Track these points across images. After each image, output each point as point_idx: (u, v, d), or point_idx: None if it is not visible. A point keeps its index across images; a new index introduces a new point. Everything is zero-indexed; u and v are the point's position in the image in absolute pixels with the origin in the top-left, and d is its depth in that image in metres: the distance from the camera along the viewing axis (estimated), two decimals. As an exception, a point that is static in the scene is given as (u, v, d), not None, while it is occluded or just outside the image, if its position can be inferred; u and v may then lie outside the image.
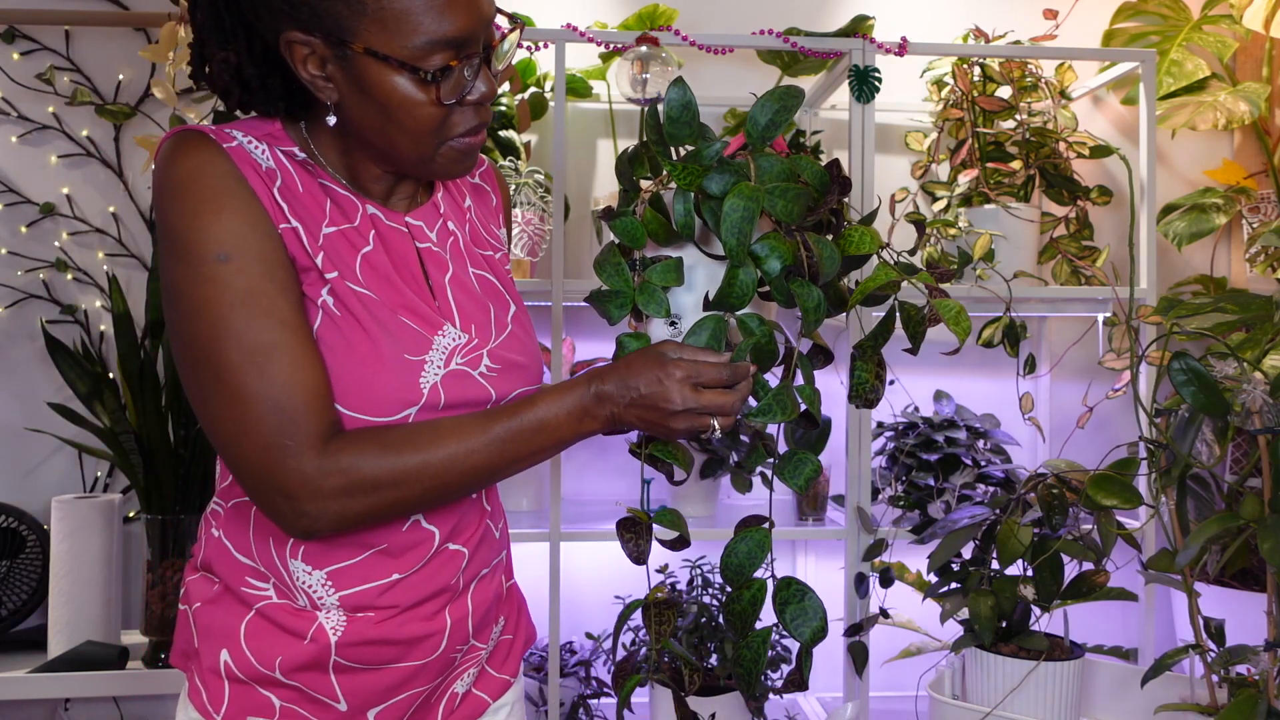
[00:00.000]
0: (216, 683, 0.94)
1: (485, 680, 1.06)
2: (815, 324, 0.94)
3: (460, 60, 0.87)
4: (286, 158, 0.92)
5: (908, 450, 1.95)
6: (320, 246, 0.90)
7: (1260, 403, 1.28)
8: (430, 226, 0.99)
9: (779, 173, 0.94)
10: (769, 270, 0.91)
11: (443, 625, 0.97)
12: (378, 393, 0.89)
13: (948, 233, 2.04)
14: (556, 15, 2.22)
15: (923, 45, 1.94)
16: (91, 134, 2.14)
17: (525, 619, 1.15)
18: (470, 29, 0.86)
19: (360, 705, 0.96)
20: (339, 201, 0.94)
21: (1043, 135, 2.10)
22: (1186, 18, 2.25)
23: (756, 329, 0.93)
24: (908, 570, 1.83)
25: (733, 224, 0.88)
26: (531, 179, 1.93)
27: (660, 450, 0.97)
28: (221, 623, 0.94)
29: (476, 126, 0.92)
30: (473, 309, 0.98)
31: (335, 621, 0.93)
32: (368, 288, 0.91)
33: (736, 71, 2.26)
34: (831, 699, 2.23)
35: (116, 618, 1.95)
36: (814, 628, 0.93)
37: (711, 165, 0.93)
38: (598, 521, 1.96)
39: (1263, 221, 2.22)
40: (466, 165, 0.94)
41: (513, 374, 0.98)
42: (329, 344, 0.88)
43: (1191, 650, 1.33)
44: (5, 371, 2.12)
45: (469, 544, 0.99)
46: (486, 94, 0.90)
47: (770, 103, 0.97)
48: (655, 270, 0.95)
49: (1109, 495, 1.34)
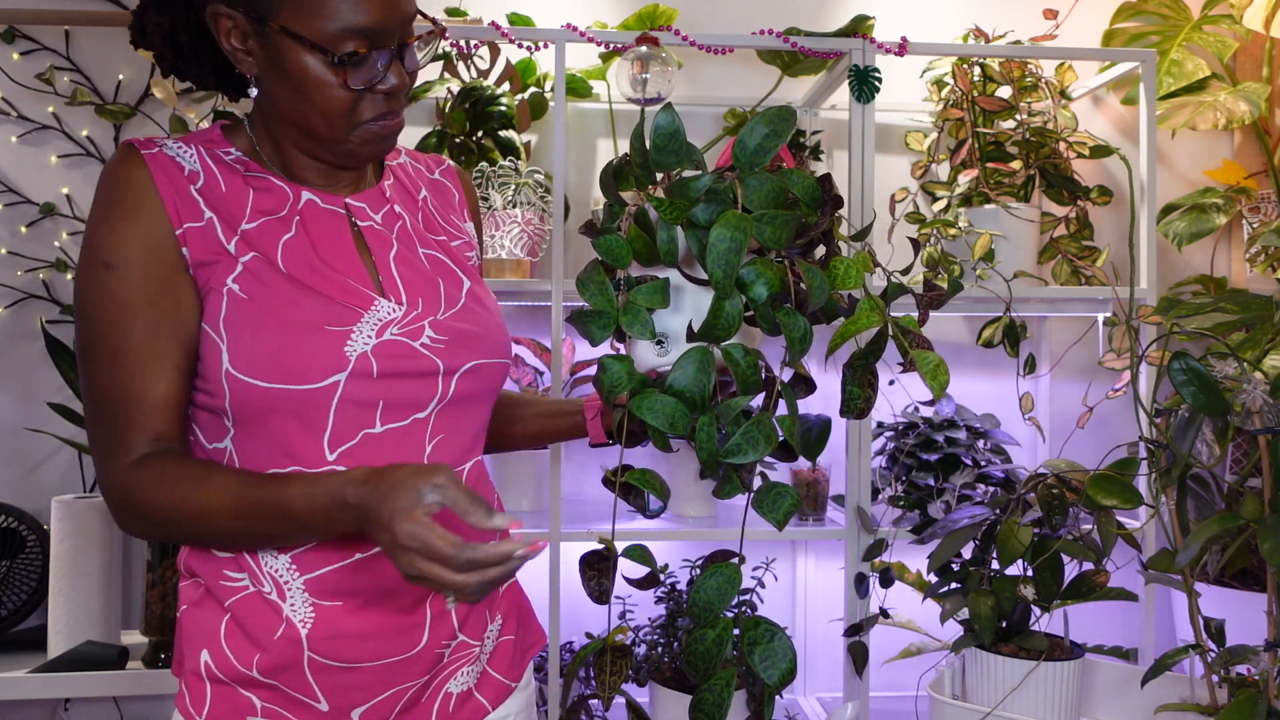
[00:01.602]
0: (199, 685, 0.95)
1: (486, 683, 1.05)
2: (800, 354, 0.92)
3: (372, 49, 0.92)
4: (216, 160, 0.98)
5: (908, 450, 1.95)
6: (239, 237, 0.95)
7: (1260, 403, 1.28)
8: (375, 209, 1.04)
9: (768, 193, 0.91)
10: (756, 297, 0.90)
11: (423, 617, 0.97)
12: (297, 363, 0.91)
13: (948, 233, 2.04)
14: (556, 15, 2.22)
15: (923, 45, 1.94)
16: (91, 134, 2.14)
17: (530, 622, 1.13)
18: (382, 22, 0.91)
19: (342, 705, 0.95)
20: (268, 193, 0.99)
21: (1043, 135, 2.10)
22: (1186, 18, 2.25)
23: (741, 359, 0.90)
24: (908, 570, 1.83)
25: (719, 255, 0.87)
26: (531, 179, 1.93)
27: (636, 479, 0.94)
28: (203, 625, 0.96)
29: (386, 114, 0.96)
30: (420, 284, 1.01)
31: (304, 614, 0.93)
32: (288, 269, 0.94)
33: (736, 71, 2.26)
34: (831, 699, 2.23)
35: (116, 618, 1.95)
36: (782, 670, 0.89)
37: (698, 198, 0.91)
38: (598, 522, 1.96)
39: (1263, 221, 2.22)
40: (382, 148, 0.99)
41: (464, 345, 1.00)
42: (239, 325, 0.91)
43: (1191, 650, 1.32)
44: (5, 371, 2.12)
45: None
46: (397, 86, 0.95)
47: (761, 125, 0.93)
48: (640, 292, 0.93)
49: (1109, 495, 1.34)
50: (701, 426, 0.91)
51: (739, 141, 0.93)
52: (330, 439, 0.93)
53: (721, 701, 0.89)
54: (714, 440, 0.91)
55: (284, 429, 0.92)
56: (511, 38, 1.85)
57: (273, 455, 0.93)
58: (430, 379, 0.97)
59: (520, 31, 1.85)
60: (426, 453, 0.98)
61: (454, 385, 0.99)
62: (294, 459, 0.93)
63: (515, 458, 2.02)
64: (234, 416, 0.93)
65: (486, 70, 2.07)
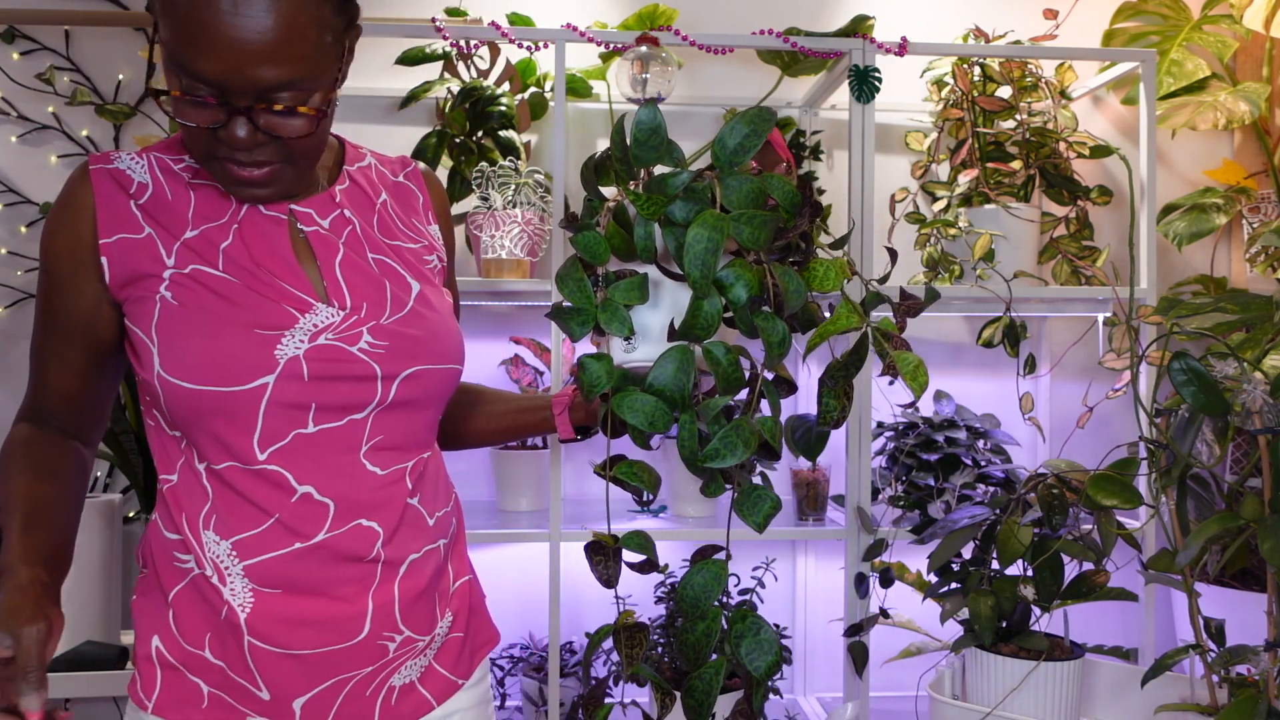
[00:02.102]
0: (150, 670, 0.99)
1: (432, 679, 1.05)
2: (779, 357, 0.92)
3: (219, 101, 0.89)
4: (165, 170, 1.01)
5: (908, 450, 1.95)
6: (181, 244, 0.98)
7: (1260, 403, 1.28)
8: (322, 214, 1.03)
9: (747, 194, 0.91)
10: (734, 299, 0.90)
11: (364, 608, 0.98)
12: (224, 365, 0.93)
13: (948, 233, 2.04)
14: (556, 15, 2.22)
15: (923, 45, 1.94)
16: (91, 134, 2.14)
17: (481, 620, 1.14)
18: (221, 80, 0.87)
19: (283, 693, 0.97)
20: (210, 201, 1.00)
21: (1043, 135, 2.10)
22: (1186, 18, 2.25)
23: (723, 358, 0.90)
24: (908, 570, 1.83)
25: (696, 255, 0.87)
26: (531, 179, 1.93)
27: (625, 472, 0.95)
28: (153, 611, 0.99)
29: (241, 162, 0.93)
30: (366, 288, 1.01)
31: (243, 599, 0.95)
32: (226, 272, 0.97)
33: (736, 71, 2.26)
34: (831, 699, 2.23)
35: (116, 618, 1.95)
36: (769, 661, 0.91)
37: (676, 195, 0.91)
38: (598, 522, 1.96)
39: (1263, 221, 2.22)
40: (245, 195, 0.96)
41: (406, 350, 1.00)
42: (170, 329, 0.95)
43: (1191, 650, 1.32)
44: (5, 371, 2.12)
45: (384, 523, 0.99)
46: (243, 141, 0.91)
47: (741, 125, 0.93)
48: (619, 288, 0.93)
49: (1109, 495, 1.34)
50: (682, 425, 0.92)
51: (718, 140, 0.93)
52: (260, 439, 0.96)
53: (710, 688, 0.91)
54: (695, 439, 0.92)
55: (217, 427, 0.95)
56: (511, 38, 1.85)
57: (211, 449, 0.96)
58: (368, 383, 0.98)
59: (520, 31, 1.85)
60: (362, 451, 0.99)
61: (394, 390, 1.00)
62: (229, 454, 0.96)
63: (515, 458, 2.02)
64: (172, 416, 0.96)
65: (486, 70, 2.07)
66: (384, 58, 2.17)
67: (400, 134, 2.18)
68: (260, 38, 0.85)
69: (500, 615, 2.19)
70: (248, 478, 0.96)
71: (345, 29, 0.94)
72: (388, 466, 1.01)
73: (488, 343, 2.22)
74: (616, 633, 0.97)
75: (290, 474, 0.96)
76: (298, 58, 0.87)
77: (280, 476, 0.96)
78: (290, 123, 0.91)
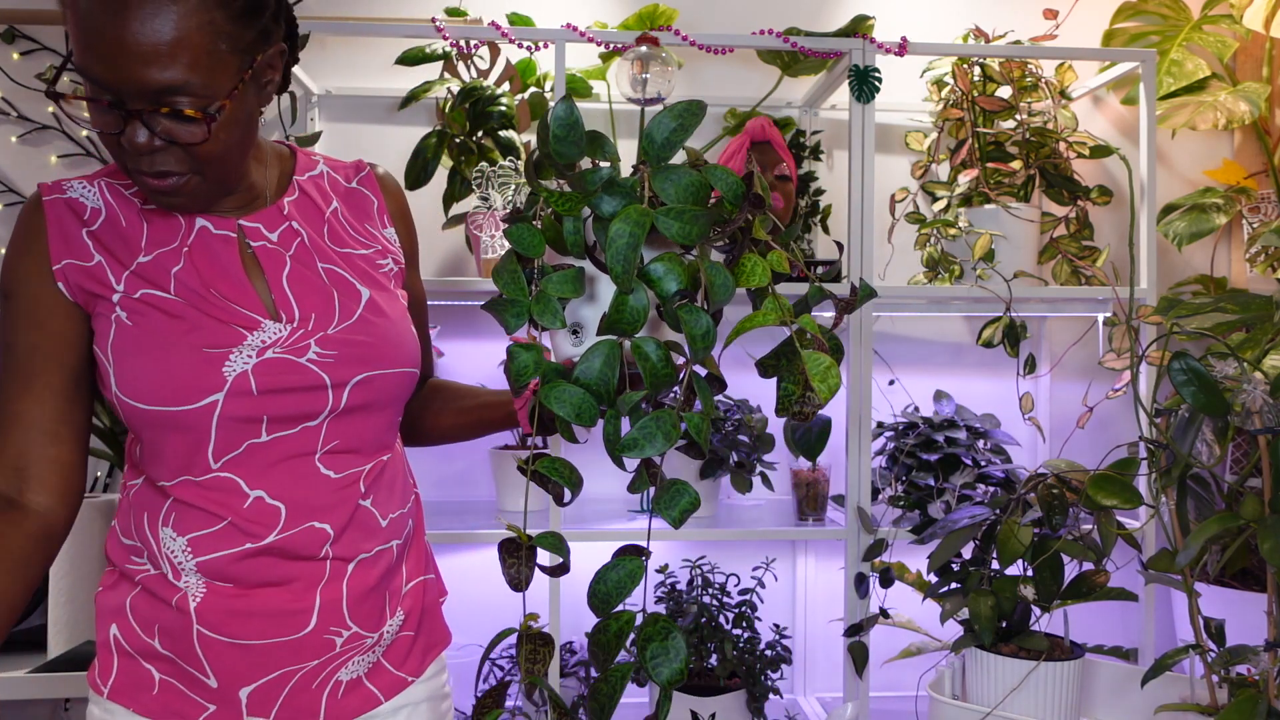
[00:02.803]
0: (107, 657, 1.03)
1: (379, 674, 1.07)
2: (703, 351, 0.91)
3: (113, 105, 0.90)
4: (117, 195, 1.03)
5: (908, 450, 1.95)
6: (133, 271, 1.00)
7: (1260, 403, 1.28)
8: (270, 228, 1.06)
9: (685, 187, 0.90)
10: (663, 291, 0.89)
11: (311, 603, 1.01)
12: (174, 386, 0.96)
13: (948, 233, 2.04)
14: (556, 15, 2.22)
15: (923, 45, 1.94)
16: (91, 134, 2.14)
17: (433, 619, 1.15)
18: (109, 80, 0.88)
19: (230, 681, 1.00)
20: (162, 225, 1.03)
21: (1043, 135, 2.10)
22: (1186, 18, 2.25)
23: (653, 354, 0.90)
24: (908, 570, 1.83)
25: (618, 250, 0.86)
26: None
27: (546, 466, 0.94)
28: (112, 602, 1.04)
29: (147, 171, 0.93)
30: (314, 300, 1.03)
31: (195, 589, 0.99)
32: (177, 295, 0.99)
33: (736, 71, 2.26)
34: (831, 699, 2.23)
35: (116, 618, 1.95)
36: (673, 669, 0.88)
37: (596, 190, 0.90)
38: (598, 521, 1.96)
39: (1263, 221, 2.22)
40: (162, 203, 0.98)
41: (356, 358, 1.03)
42: (123, 350, 0.98)
43: (1191, 650, 1.32)
44: (5, 371, 2.12)
45: (334, 524, 1.02)
46: (140, 145, 0.91)
47: (668, 119, 0.91)
48: (552, 280, 0.93)
49: (1109, 495, 1.34)
50: (608, 420, 0.92)
51: (646, 135, 0.92)
52: (214, 451, 0.99)
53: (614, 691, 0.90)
54: (619, 433, 0.91)
55: (172, 442, 0.99)
56: (511, 38, 1.85)
57: (168, 462, 1.00)
58: (318, 392, 1.01)
59: (520, 31, 1.85)
60: (318, 456, 1.02)
61: (345, 396, 1.02)
62: (184, 467, 0.99)
63: (515, 458, 2.02)
64: (132, 429, 1.01)
65: (486, 70, 2.07)
66: (384, 58, 2.17)
67: (400, 134, 2.18)
68: (147, 40, 0.87)
69: (500, 615, 2.19)
70: (199, 488, 0.99)
71: (254, 43, 0.94)
72: (343, 470, 1.03)
73: (487, 343, 2.22)
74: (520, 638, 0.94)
75: (242, 480, 1.00)
76: (187, 62, 0.89)
77: (232, 483, 0.99)
78: (184, 128, 0.92)
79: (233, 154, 0.97)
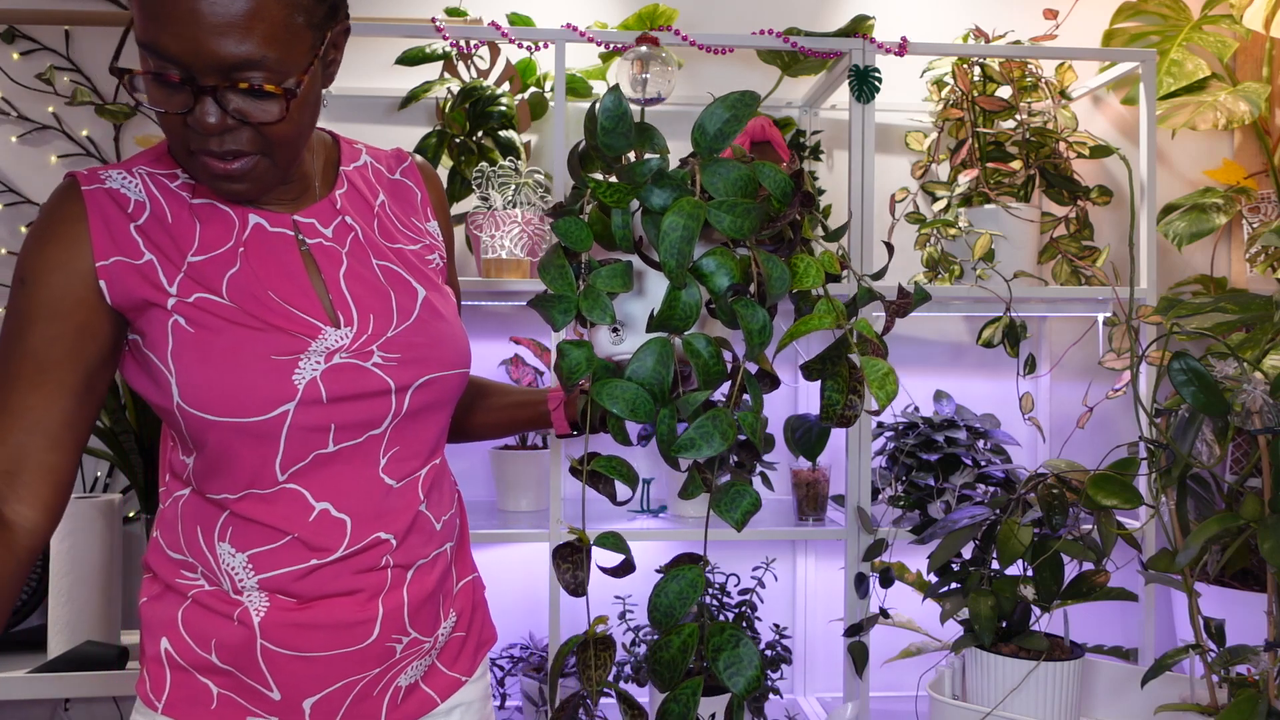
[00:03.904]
0: (159, 671, 0.98)
1: (435, 677, 1.06)
2: (760, 347, 0.88)
3: (184, 81, 0.85)
4: (161, 187, 0.96)
5: (908, 450, 1.95)
6: (184, 273, 0.94)
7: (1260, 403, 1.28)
8: (324, 223, 1.01)
9: (734, 181, 0.87)
10: (715, 287, 0.87)
11: (374, 613, 0.98)
12: (244, 396, 0.92)
13: (948, 233, 2.04)
14: (556, 15, 2.22)
15: (923, 45, 1.94)
16: (91, 134, 2.14)
17: (482, 618, 1.14)
18: (181, 54, 0.83)
19: (294, 695, 0.97)
20: (214, 223, 0.96)
21: (1043, 135, 2.10)
22: (1186, 18, 2.25)
23: (704, 350, 0.87)
24: (908, 570, 1.83)
25: (671, 244, 0.83)
26: (531, 179, 1.93)
27: (604, 465, 0.91)
28: (161, 614, 0.98)
29: (212, 152, 0.89)
30: (372, 300, 0.99)
31: (258, 604, 0.95)
32: (234, 303, 0.94)
33: (736, 71, 2.26)
34: (831, 699, 2.23)
35: (116, 618, 1.95)
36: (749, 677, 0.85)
37: (645, 181, 0.88)
38: (598, 521, 1.96)
39: (1263, 221, 2.22)
40: (223, 189, 0.92)
41: (417, 360, 0.99)
42: (185, 360, 0.92)
43: (1191, 650, 1.32)
44: (5, 371, 2.12)
45: (396, 532, 0.99)
46: (212, 125, 0.86)
47: (721, 110, 0.89)
48: (600, 275, 0.90)
49: (1109, 495, 1.34)
50: (662, 419, 0.88)
51: (698, 126, 0.89)
52: (282, 462, 0.95)
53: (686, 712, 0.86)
54: (674, 433, 0.88)
55: (238, 454, 0.94)
56: (511, 38, 1.85)
57: (234, 474, 0.95)
58: (383, 398, 0.97)
59: (520, 31, 1.85)
60: (381, 465, 0.99)
61: (408, 401, 0.99)
62: (249, 480, 0.95)
63: (515, 458, 2.02)
64: (192, 441, 0.95)
65: (486, 70, 2.07)
66: (384, 58, 2.17)
67: (400, 134, 2.18)
68: (224, 11, 0.83)
69: (500, 615, 2.19)
70: (263, 502, 0.95)
71: (326, 18, 0.91)
72: (403, 477, 1.01)
73: (488, 343, 2.22)
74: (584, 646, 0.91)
75: (308, 492, 0.96)
76: (263, 35, 0.84)
77: (299, 495, 0.95)
78: (260, 105, 0.87)
79: (303, 136, 0.93)
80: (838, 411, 0.91)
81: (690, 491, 0.90)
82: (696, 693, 0.86)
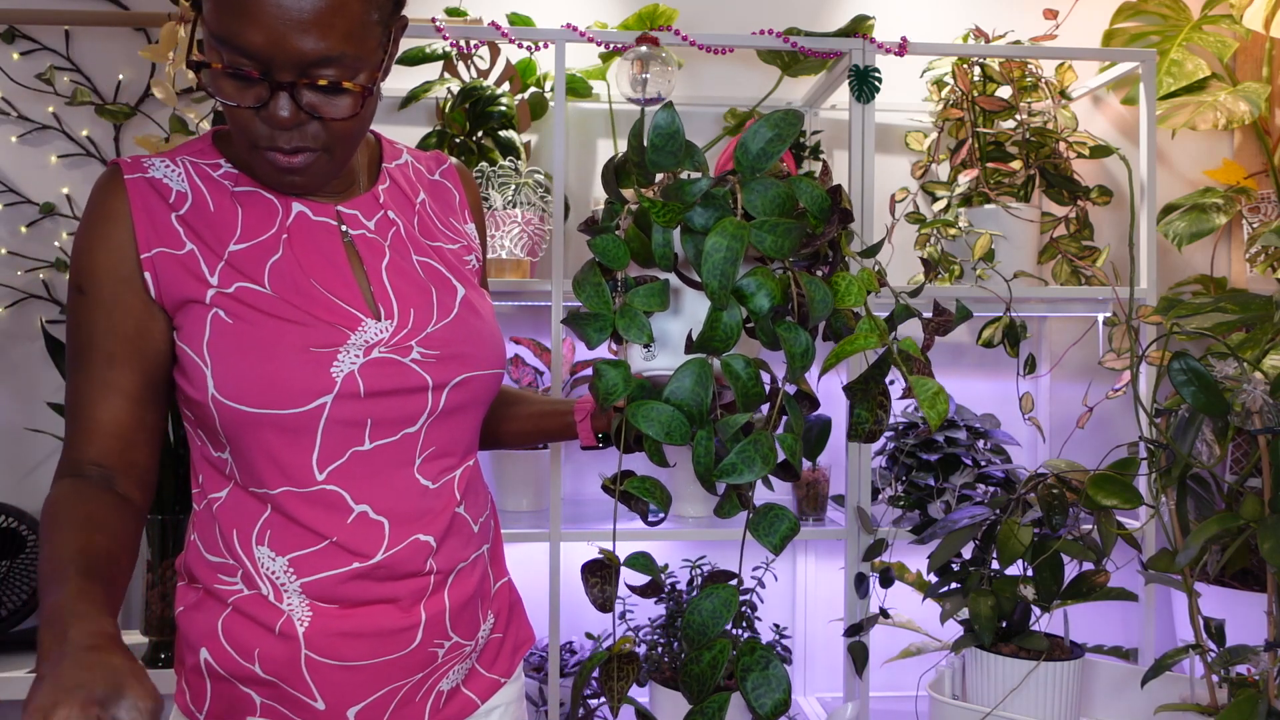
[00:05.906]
0: (199, 682, 0.97)
1: (475, 679, 1.06)
2: (802, 370, 0.87)
3: (262, 75, 0.85)
4: (204, 177, 0.97)
5: (908, 450, 1.95)
6: (225, 262, 0.94)
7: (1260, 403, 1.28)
8: (367, 215, 1.01)
9: (772, 199, 0.87)
10: (756, 308, 0.86)
11: (417, 619, 0.97)
12: (282, 387, 0.91)
13: (948, 233, 2.04)
14: (556, 15, 2.22)
15: (923, 45, 1.94)
16: (91, 134, 2.14)
17: (519, 619, 1.14)
18: (261, 48, 0.84)
19: (338, 704, 0.96)
20: (257, 210, 0.97)
21: (1043, 135, 2.10)
22: (1186, 18, 2.25)
23: (743, 372, 0.86)
24: (908, 570, 1.83)
25: (714, 265, 0.82)
26: (531, 179, 1.94)
27: (636, 486, 0.91)
28: (201, 624, 0.96)
29: (280, 148, 0.90)
30: (412, 295, 0.99)
31: (301, 613, 0.94)
32: (275, 293, 0.93)
33: (736, 71, 2.26)
34: (831, 699, 2.23)
35: (123, 618, 1.95)
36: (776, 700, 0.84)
37: (694, 201, 0.87)
38: (598, 521, 1.96)
39: (1263, 221, 2.22)
40: (284, 182, 0.93)
41: (455, 358, 0.99)
42: (222, 350, 0.91)
43: (1191, 650, 1.32)
44: (5, 371, 2.12)
45: (436, 534, 0.98)
46: (284, 119, 0.87)
47: (765, 129, 0.88)
48: (638, 294, 0.89)
49: (1109, 495, 1.34)
50: (699, 441, 0.88)
51: (740, 145, 0.89)
52: (319, 458, 0.94)
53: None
54: (711, 455, 0.87)
55: (274, 449, 0.93)
56: (511, 38, 1.85)
57: (265, 471, 0.94)
58: (420, 394, 0.96)
59: (520, 31, 1.85)
60: (416, 465, 0.98)
61: (444, 399, 0.98)
62: (285, 477, 0.94)
63: (515, 458, 2.02)
64: (225, 435, 0.94)
65: (486, 70, 2.07)
66: (384, 58, 2.17)
67: (400, 134, 2.18)
68: (307, 7, 0.83)
69: (500, 615, 2.19)
70: (303, 502, 0.94)
71: (392, 13, 0.91)
72: (439, 478, 1.00)
73: (488, 343, 2.21)
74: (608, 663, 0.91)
75: (348, 493, 0.95)
76: (343, 31, 0.85)
77: (337, 496, 0.94)
78: (334, 101, 0.88)
79: (365, 132, 0.93)
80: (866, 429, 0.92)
81: (727, 511, 0.90)
82: (723, 709, 0.86)
